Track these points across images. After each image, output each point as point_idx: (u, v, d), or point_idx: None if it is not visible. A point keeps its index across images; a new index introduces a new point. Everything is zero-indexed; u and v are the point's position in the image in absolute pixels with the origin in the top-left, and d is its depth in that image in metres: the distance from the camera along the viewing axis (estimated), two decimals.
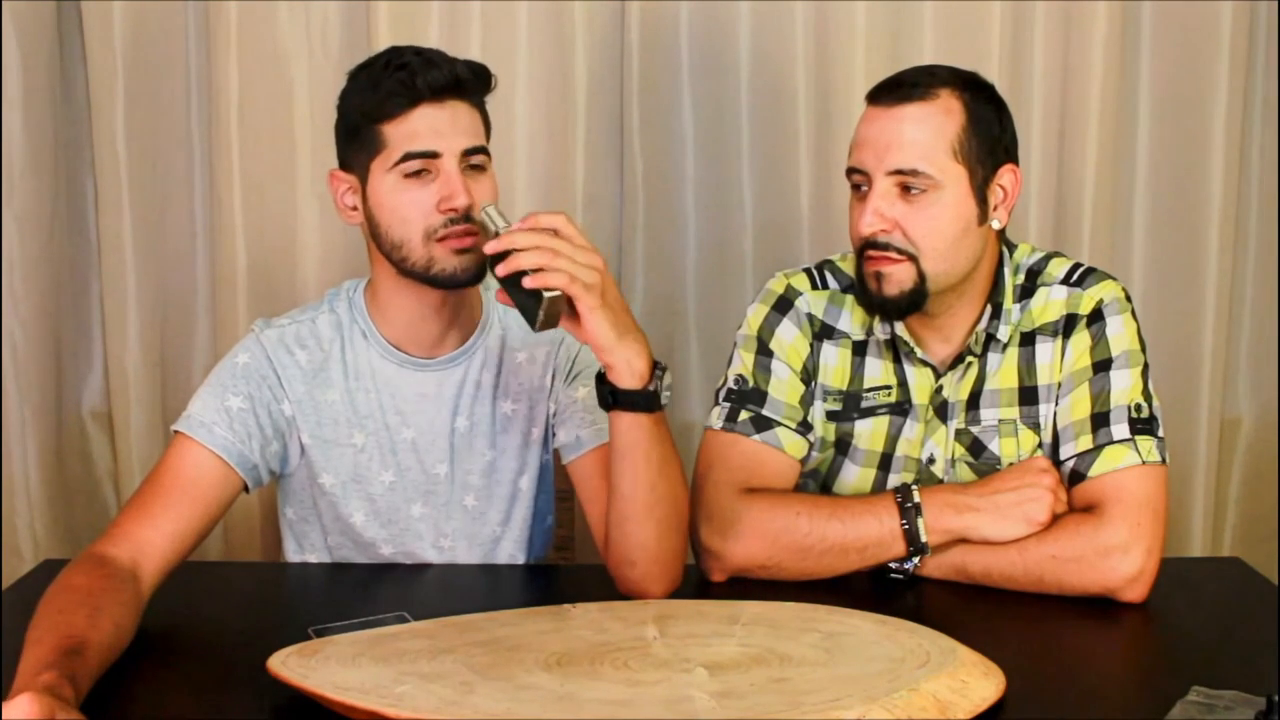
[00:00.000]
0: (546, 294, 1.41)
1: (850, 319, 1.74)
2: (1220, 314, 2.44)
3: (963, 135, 1.61)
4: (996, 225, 1.66)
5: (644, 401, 1.48)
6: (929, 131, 1.60)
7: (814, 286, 1.77)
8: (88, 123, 2.38)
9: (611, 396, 1.49)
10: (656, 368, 1.49)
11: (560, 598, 1.52)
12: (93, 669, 1.27)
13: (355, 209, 1.64)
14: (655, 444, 1.51)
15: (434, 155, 1.56)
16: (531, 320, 1.44)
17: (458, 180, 1.56)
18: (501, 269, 1.43)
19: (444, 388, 1.70)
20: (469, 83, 1.59)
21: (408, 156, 1.56)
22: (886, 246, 1.61)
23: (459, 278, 1.59)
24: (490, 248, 1.44)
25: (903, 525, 1.60)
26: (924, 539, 1.60)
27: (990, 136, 1.63)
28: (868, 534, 1.61)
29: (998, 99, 1.67)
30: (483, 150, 1.60)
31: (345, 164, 1.65)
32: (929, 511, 1.60)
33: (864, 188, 1.63)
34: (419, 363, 1.69)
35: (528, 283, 1.41)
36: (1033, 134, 2.34)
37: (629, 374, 1.47)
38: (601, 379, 1.49)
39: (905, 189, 1.60)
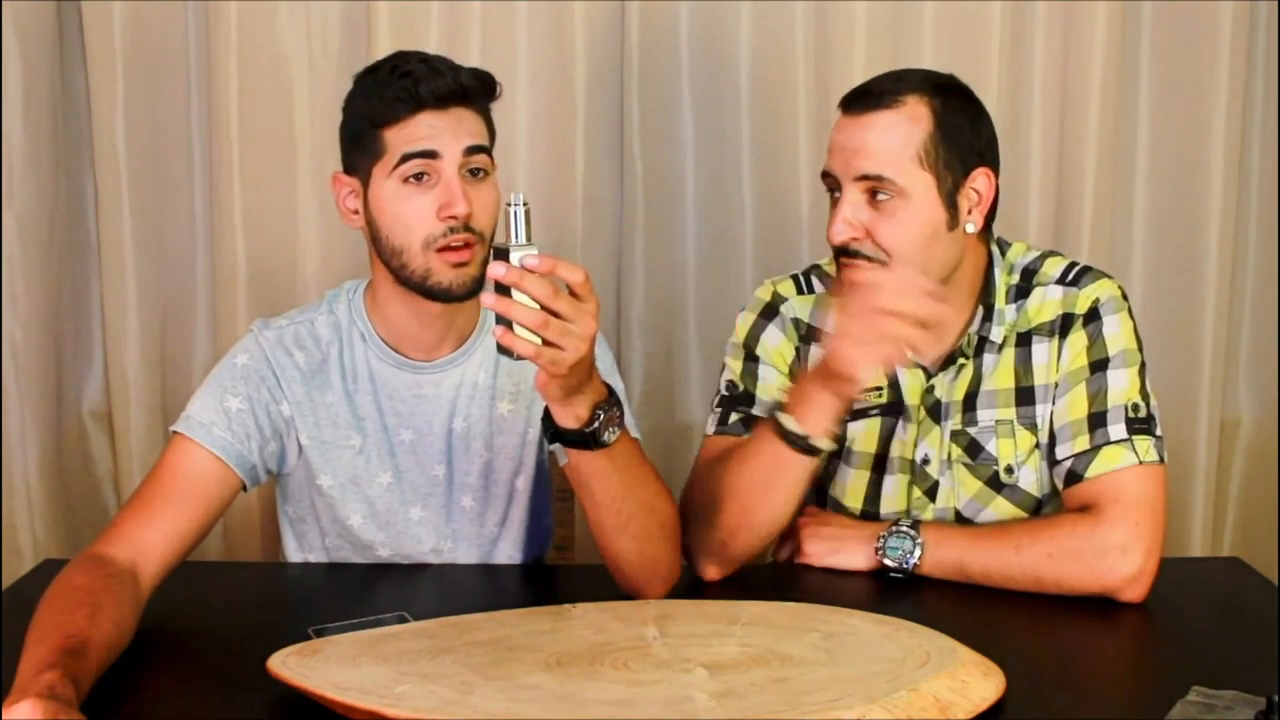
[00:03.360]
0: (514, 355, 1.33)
1: None
2: (1220, 314, 2.44)
3: (929, 143, 1.61)
4: (971, 229, 1.66)
5: (579, 441, 1.45)
6: (895, 139, 1.60)
7: (799, 291, 1.79)
8: (88, 123, 2.38)
9: (551, 433, 1.47)
10: (601, 406, 1.43)
11: (560, 598, 1.52)
12: (93, 669, 1.27)
13: (357, 212, 1.64)
14: (614, 471, 1.49)
15: (433, 155, 1.56)
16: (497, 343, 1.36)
17: (457, 187, 1.55)
18: (488, 300, 1.31)
19: (441, 389, 1.70)
20: (473, 90, 1.59)
21: (406, 157, 1.56)
22: (858, 254, 1.62)
23: (454, 293, 1.58)
24: (495, 272, 1.30)
25: (774, 429, 1.56)
26: (798, 430, 1.55)
27: (960, 142, 1.63)
28: (761, 456, 1.57)
29: (972, 103, 1.67)
30: (484, 150, 1.59)
31: (348, 167, 1.64)
32: (798, 414, 1.55)
33: (836, 193, 1.65)
34: (417, 364, 1.69)
35: (496, 333, 1.32)
36: (1033, 134, 2.34)
37: (565, 417, 1.43)
38: (546, 413, 1.46)
39: (873, 195, 1.61)
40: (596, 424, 1.43)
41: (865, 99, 1.63)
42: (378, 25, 2.27)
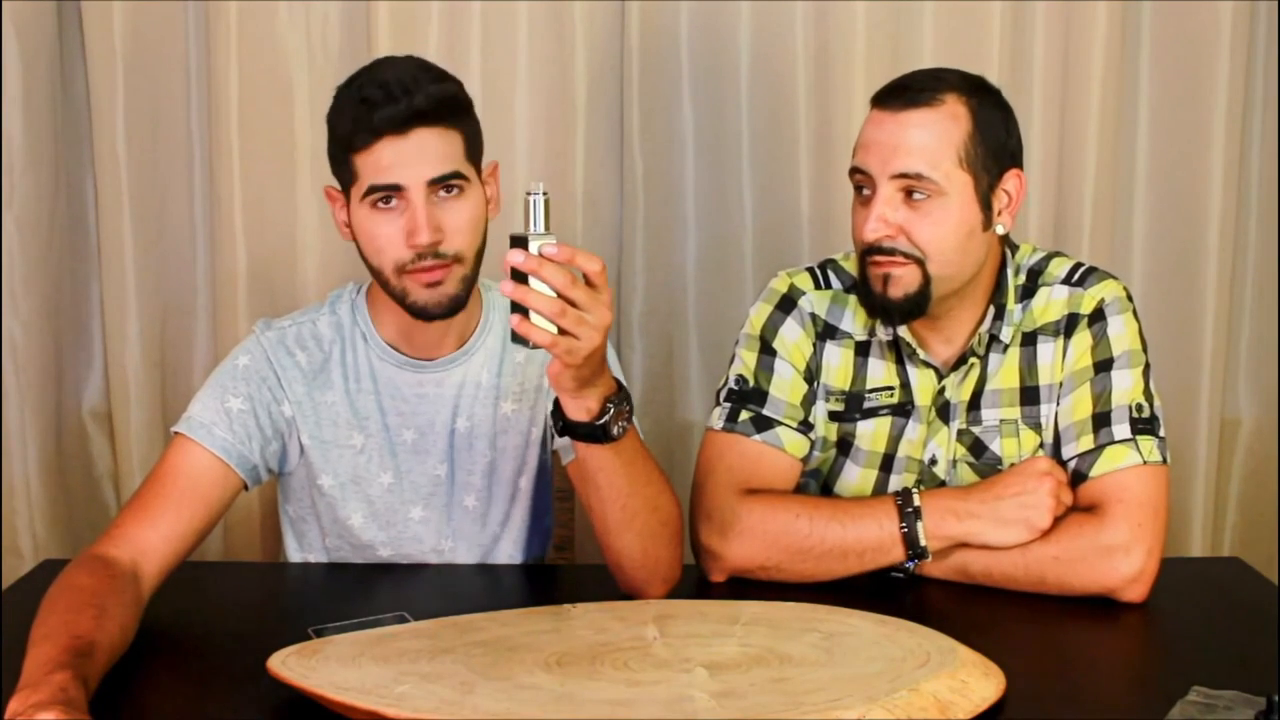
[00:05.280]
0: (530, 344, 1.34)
1: (853, 319, 1.74)
2: (1220, 314, 2.44)
3: (969, 142, 1.60)
4: (1001, 230, 1.65)
5: (588, 434, 1.45)
6: (935, 138, 1.59)
7: (817, 286, 1.77)
8: (88, 123, 2.38)
9: (561, 425, 1.47)
10: (611, 399, 1.44)
11: (560, 598, 1.52)
12: (99, 671, 1.28)
13: (348, 225, 1.64)
14: (620, 466, 1.49)
15: (397, 189, 1.55)
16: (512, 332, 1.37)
17: (422, 214, 1.54)
18: (507, 287, 1.32)
19: (444, 389, 1.70)
20: (431, 113, 1.54)
21: (373, 189, 1.55)
22: (892, 252, 1.60)
23: (431, 312, 1.58)
24: (514, 259, 1.31)
25: (902, 529, 1.60)
26: (923, 544, 1.60)
27: (996, 143, 1.62)
28: (867, 537, 1.61)
29: (1004, 104, 1.66)
30: (454, 176, 1.56)
31: (336, 181, 1.64)
32: (929, 517, 1.60)
33: (866, 190, 1.62)
34: (419, 364, 1.69)
35: (513, 322, 1.32)
36: (1033, 134, 2.34)
37: (575, 410, 1.44)
38: (556, 405, 1.47)
39: (909, 194, 1.59)
40: (606, 417, 1.43)
41: (904, 95, 1.61)
42: (378, 25, 2.27)
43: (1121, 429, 1.63)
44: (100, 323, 2.44)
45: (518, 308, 1.32)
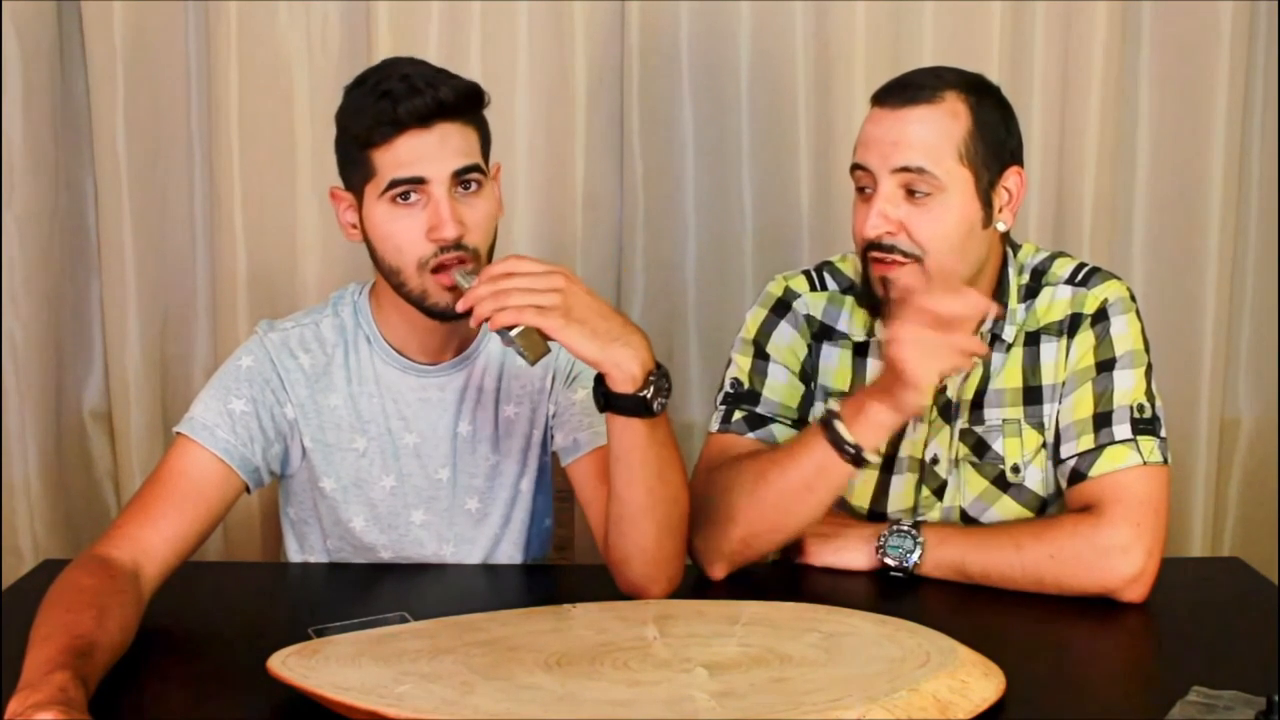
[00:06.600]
0: (510, 332, 1.43)
1: (850, 320, 1.74)
2: (1220, 314, 2.44)
3: (969, 139, 1.60)
4: (1002, 227, 1.66)
5: (634, 407, 1.46)
6: (935, 134, 1.59)
7: (813, 288, 1.77)
8: (88, 123, 2.38)
9: (604, 399, 1.48)
10: (653, 374, 1.47)
11: (560, 598, 1.52)
12: (99, 671, 1.28)
13: (355, 227, 1.63)
14: (652, 448, 1.50)
15: (421, 181, 1.55)
16: (523, 357, 1.45)
17: (446, 208, 1.54)
18: (473, 322, 1.44)
19: (446, 393, 1.70)
20: (455, 106, 1.55)
21: (394, 184, 1.55)
22: (892, 249, 1.60)
23: (452, 312, 1.57)
24: (460, 307, 1.46)
25: (828, 438, 1.55)
26: (851, 440, 1.54)
27: (996, 140, 1.63)
28: (807, 463, 1.57)
29: (1004, 102, 1.67)
30: (476, 169, 1.57)
31: (344, 182, 1.64)
32: (851, 425, 1.54)
33: (868, 189, 1.63)
34: (422, 368, 1.69)
35: (490, 327, 1.43)
36: (1033, 134, 2.34)
37: (620, 378, 1.45)
38: (599, 381, 1.49)
39: (910, 192, 1.60)
40: (649, 390, 1.45)
41: (904, 92, 1.61)
42: (378, 25, 2.27)
43: (1122, 429, 1.63)
44: (100, 323, 2.45)
45: (507, 342, 1.45)
